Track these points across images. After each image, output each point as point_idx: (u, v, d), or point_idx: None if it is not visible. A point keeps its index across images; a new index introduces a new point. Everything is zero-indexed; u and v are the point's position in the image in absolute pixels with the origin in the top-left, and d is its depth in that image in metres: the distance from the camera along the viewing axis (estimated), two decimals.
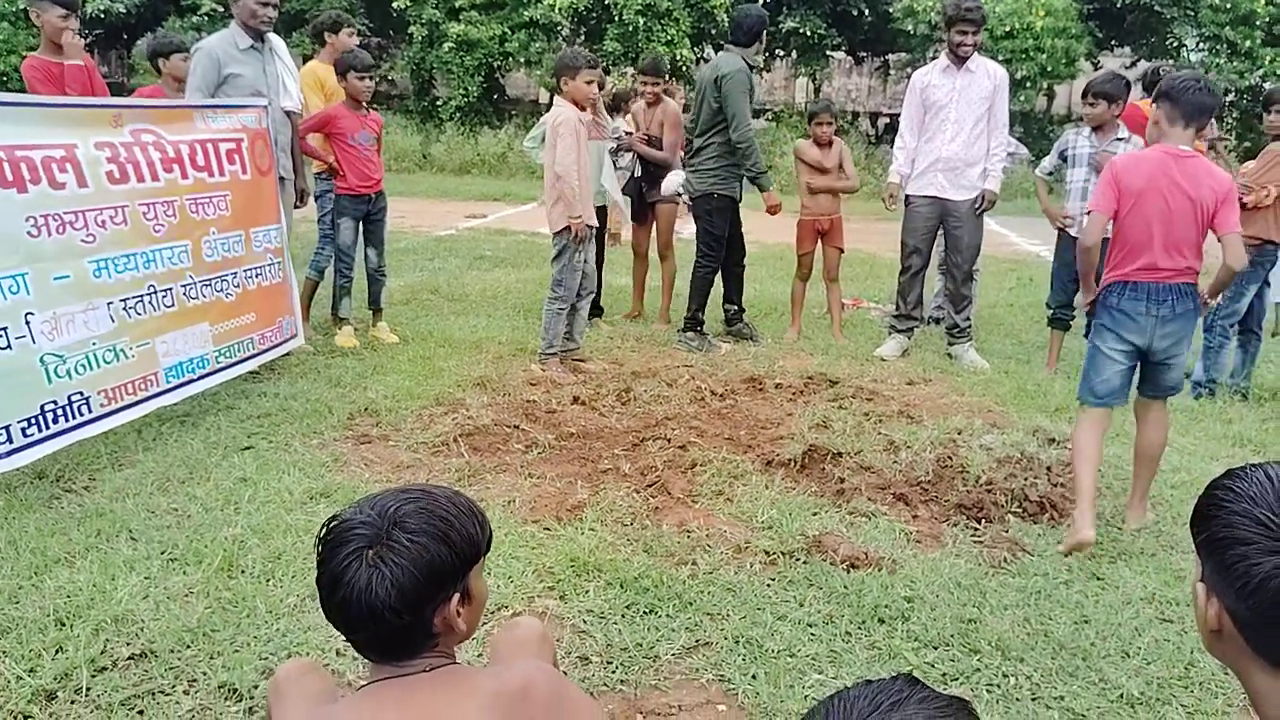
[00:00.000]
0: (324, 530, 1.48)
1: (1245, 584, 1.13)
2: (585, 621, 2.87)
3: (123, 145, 4.05)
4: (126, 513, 3.45)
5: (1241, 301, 5.38)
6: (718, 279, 6.42)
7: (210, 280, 4.57)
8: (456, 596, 1.49)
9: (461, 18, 18.65)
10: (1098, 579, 3.25)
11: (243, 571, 3.06)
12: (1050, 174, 6.06)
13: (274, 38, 5.41)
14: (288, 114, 5.47)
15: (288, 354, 5.43)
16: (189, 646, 2.65)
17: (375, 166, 5.90)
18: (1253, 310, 5.56)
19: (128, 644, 2.64)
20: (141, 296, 4.12)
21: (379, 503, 1.48)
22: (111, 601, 2.81)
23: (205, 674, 2.52)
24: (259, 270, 4.95)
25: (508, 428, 4.49)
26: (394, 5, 18.76)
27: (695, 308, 6.26)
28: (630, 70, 18.57)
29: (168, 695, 2.45)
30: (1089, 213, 3.75)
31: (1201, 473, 4.23)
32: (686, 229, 7.53)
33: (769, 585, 3.13)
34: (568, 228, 5.36)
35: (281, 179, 5.39)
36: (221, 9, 17.13)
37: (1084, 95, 5.72)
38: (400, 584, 1.40)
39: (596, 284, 6.60)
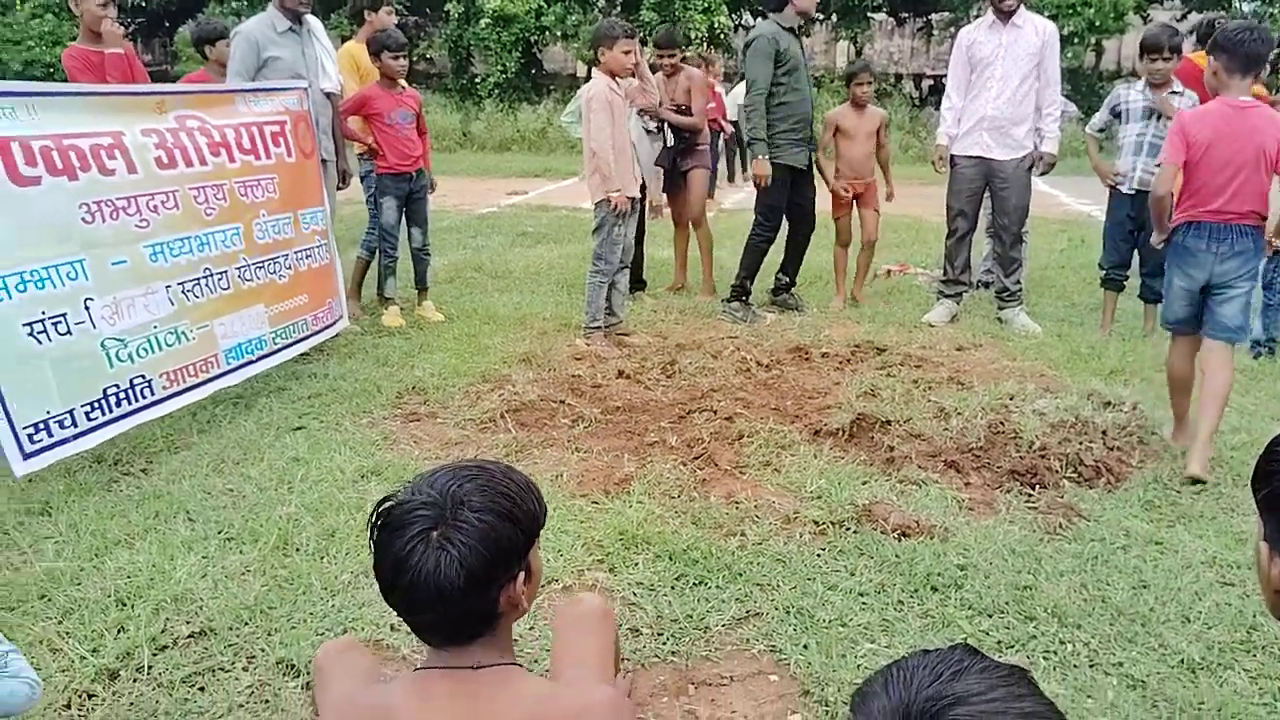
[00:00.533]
0: (379, 513, 1.45)
1: None
2: (635, 594, 2.87)
3: (169, 131, 4.10)
4: (183, 494, 3.52)
5: None
6: (776, 249, 6.32)
7: (263, 262, 4.63)
8: (521, 574, 1.47)
9: None
10: (1156, 543, 3.18)
11: (297, 549, 3.11)
12: (1101, 131, 5.90)
13: (312, 19, 5.44)
14: (327, 95, 5.49)
15: (336, 335, 5.49)
16: (247, 624, 2.70)
17: (414, 145, 5.91)
18: None
19: (187, 622, 2.69)
20: (198, 279, 4.19)
21: (436, 482, 1.45)
22: (170, 581, 2.87)
23: (263, 650, 2.57)
24: (309, 252, 5.01)
25: (554, 403, 4.50)
26: None
27: (743, 276, 6.18)
28: None
29: (227, 672, 2.50)
30: (1158, 165, 3.96)
31: (1262, 433, 4.11)
32: (729, 198, 7.46)
33: (819, 555, 3.10)
34: (607, 200, 5.34)
35: (324, 161, 5.42)
36: None
37: (1143, 51, 5.54)
38: (469, 564, 1.38)
39: (635, 257, 6.59)
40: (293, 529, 3.23)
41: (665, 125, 6.69)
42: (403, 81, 5.88)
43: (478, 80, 19.99)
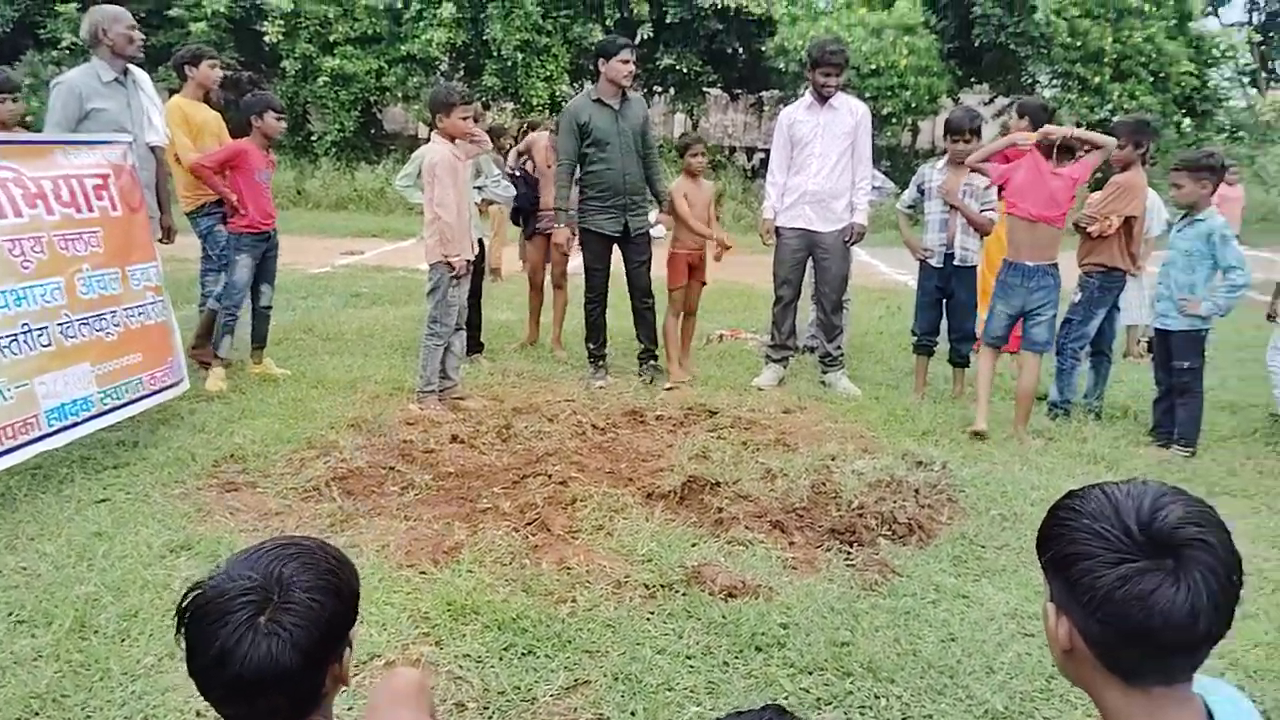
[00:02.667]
0: (192, 602, 1.36)
1: (1091, 597, 1.17)
2: (462, 666, 2.81)
3: None
4: None
5: (1091, 324, 5.68)
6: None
7: (88, 319, 4.37)
8: (347, 651, 1.44)
9: (336, 52, 18.37)
10: (963, 597, 3.36)
11: (96, 632, 2.90)
12: (910, 207, 6.31)
13: (138, 72, 5.26)
14: (152, 149, 5.29)
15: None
16: (37, 714, 2.49)
17: (272, 204, 5.91)
18: (1103, 333, 5.89)
19: None
20: (15, 335, 3.91)
21: (256, 564, 1.38)
22: None
23: None
24: (140, 309, 4.75)
25: (383, 469, 4.40)
26: (266, 39, 18.36)
27: (585, 339, 6.33)
28: (510, 105, 18.61)
29: None
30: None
31: (1059, 490, 4.38)
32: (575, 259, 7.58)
33: (648, 619, 3.13)
34: (444, 263, 5.32)
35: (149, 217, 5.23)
36: (81, 44, 16.46)
37: (947, 132, 6.01)
38: (304, 647, 1.33)
39: (474, 319, 6.58)
40: (91, 610, 3.01)
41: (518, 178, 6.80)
42: None
43: (314, 138, 19.56)
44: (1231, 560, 1.17)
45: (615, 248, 6.25)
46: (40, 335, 4.07)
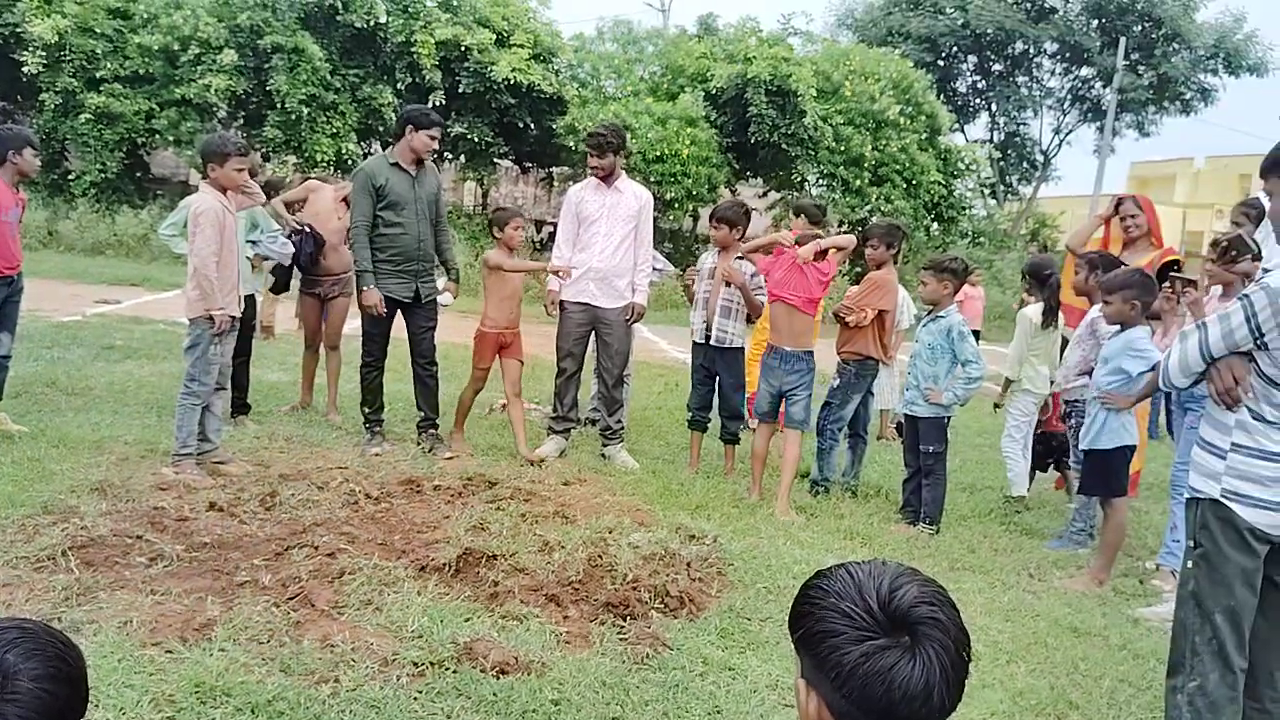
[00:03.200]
0: None
1: (838, 673, 1.24)
2: None
3: None
4: None
5: (848, 408, 6.11)
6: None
7: None
8: None
9: (103, 89, 17.27)
10: (730, 669, 3.46)
11: None
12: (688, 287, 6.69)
13: None
14: None
15: None
16: None
17: (18, 247, 5.37)
18: (859, 416, 6.35)
19: None
20: None
21: None
22: None
23: None
24: None
25: (129, 538, 4.05)
26: (24, 70, 16.97)
27: (361, 403, 6.19)
28: (293, 159, 18.02)
29: None
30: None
31: (818, 564, 4.66)
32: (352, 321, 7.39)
33: (415, 698, 3.02)
34: (205, 317, 5.05)
35: None
36: None
37: (710, 218, 6.42)
38: None
39: (240, 378, 6.26)
40: None
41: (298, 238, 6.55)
42: None
43: (71, 177, 18.13)
44: (961, 637, 1.29)
45: (399, 313, 6.15)
46: None
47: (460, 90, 18.56)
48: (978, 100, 31.72)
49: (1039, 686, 3.63)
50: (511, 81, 18.17)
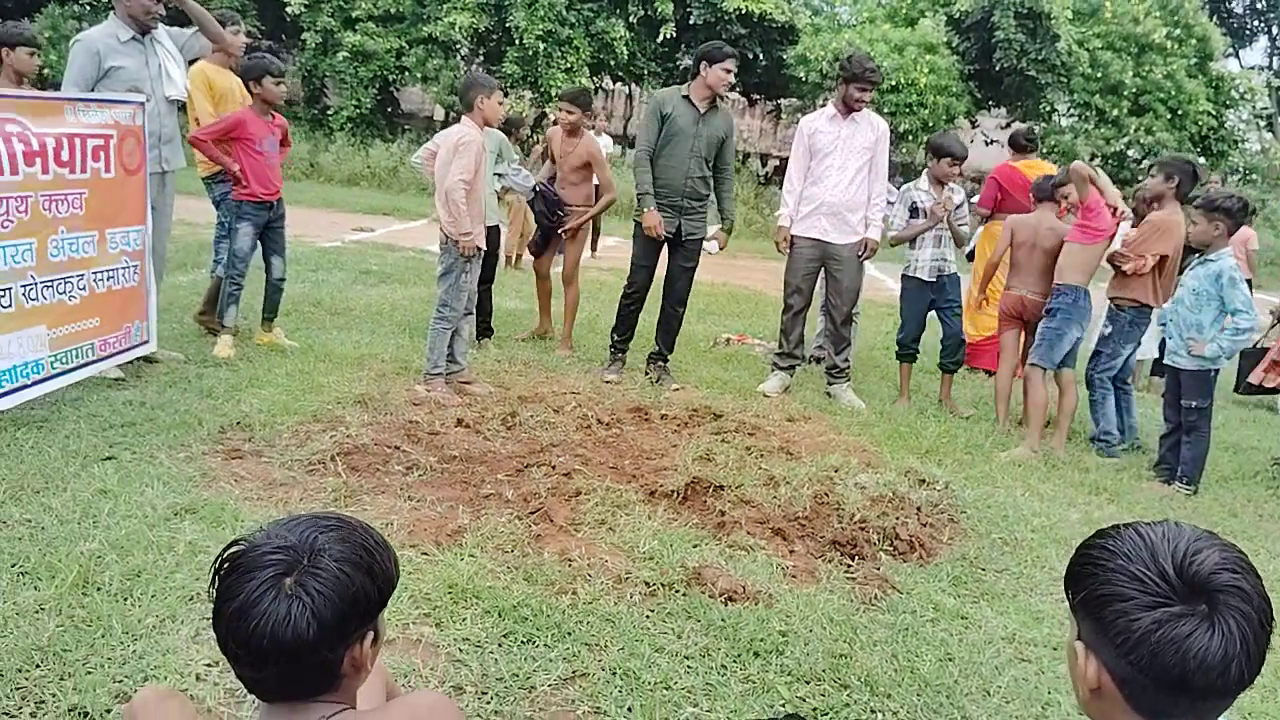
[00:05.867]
0: (226, 556, 1.38)
1: (1125, 639, 1.18)
2: (461, 650, 2.81)
3: None
4: None
5: (1119, 359, 5.70)
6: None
7: (53, 281, 4.33)
8: (371, 635, 1.42)
9: (358, 28, 18.37)
10: (962, 618, 3.37)
11: (98, 589, 2.89)
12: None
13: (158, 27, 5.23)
14: (173, 102, 5.28)
15: (154, 361, 5.21)
16: (38, 666, 2.49)
17: (278, 174, 5.82)
18: (1126, 365, 5.95)
19: None
20: None
21: (293, 528, 1.39)
22: None
23: (55, 695, 2.37)
24: (111, 273, 4.72)
25: (388, 448, 4.39)
26: (288, 10, 18.33)
27: (611, 331, 6.35)
28: (529, 94, 18.59)
29: (12, 717, 2.29)
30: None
31: (1059, 518, 4.45)
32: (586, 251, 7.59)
33: (648, 616, 3.13)
34: (456, 244, 5.31)
35: (165, 173, 5.22)
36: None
37: (937, 154, 6.27)
38: (322, 615, 1.32)
39: (484, 304, 6.58)
40: (94, 566, 3.00)
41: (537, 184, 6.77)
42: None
43: (330, 112, 19.54)
44: (1265, 607, 1.19)
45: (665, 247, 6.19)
46: (2, 296, 4.04)
47: (691, 21, 18.45)
48: (1256, 22, 28.32)
49: None
50: (743, 11, 17.88)
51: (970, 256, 7.29)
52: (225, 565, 1.38)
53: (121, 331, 4.83)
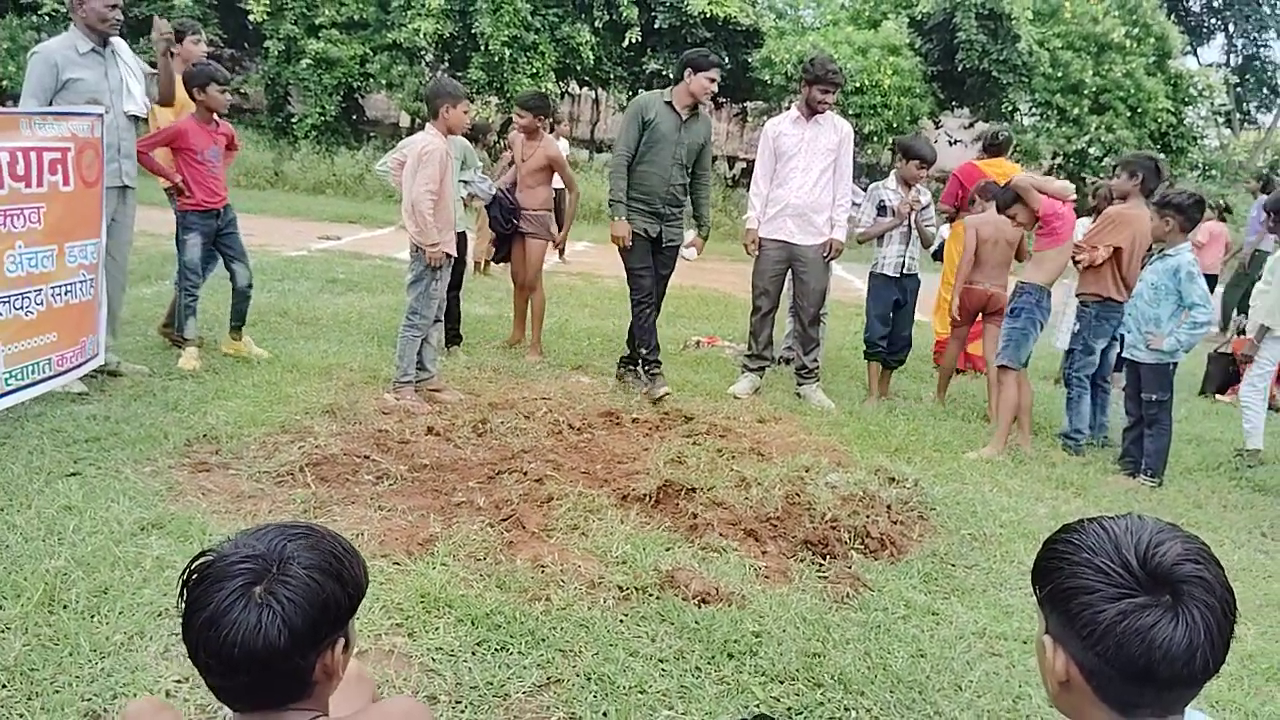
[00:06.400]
0: (194, 567, 1.38)
1: (1091, 631, 1.19)
2: (434, 660, 2.80)
3: None
4: None
5: (1094, 355, 5.77)
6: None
7: (9, 296, 4.25)
8: (342, 641, 1.43)
9: (321, 35, 18.23)
10: (933, 614, 3.40)
11: (65, 606, 2.85)
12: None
13: (117, 40, 5.16)
14: (133, 119, 5.22)
15: (119, 375, 5.16)
16: (4, 686, 2.45)
17: (221, 183, 5.74)
18: (1105, 361, 6.02)
19: None
20: None
21: (261, 537, 1.40)
22: None
23: (23, 715, 2.34)
24: (69, 287, 4.64)
25: (357, 458, 4.37)
26: (250, 17, 18.17)
27: (638, 345, 6.12)
28: (495, 100, 18.55)
29: None
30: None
31: (1027, 513, 4.51)
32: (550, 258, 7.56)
33: (622, 621, 3.14)
34: (424, 247, 5.29)
35: (126, 188, 5.16)
36: (63, 10, 16.17)
37: (906, 156, 6.31)
38: (293, 623, 1.32)
39: (453, 311, 6.55)
40: (61, 584, 2.96)
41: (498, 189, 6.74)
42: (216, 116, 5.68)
43: (294, 120, 19.37)
44: (1227, 597, 1.21)
45: None
46: None
47: (656, 26, 18.50)
48: (1213, 20, 28.76)
49: (1270, 651, 3.38)
50: (708, 15, 17.95)
51: (936, 256, 7.36)
52: (194, 576, 1.38)
53: (78, 346, 4.76)
